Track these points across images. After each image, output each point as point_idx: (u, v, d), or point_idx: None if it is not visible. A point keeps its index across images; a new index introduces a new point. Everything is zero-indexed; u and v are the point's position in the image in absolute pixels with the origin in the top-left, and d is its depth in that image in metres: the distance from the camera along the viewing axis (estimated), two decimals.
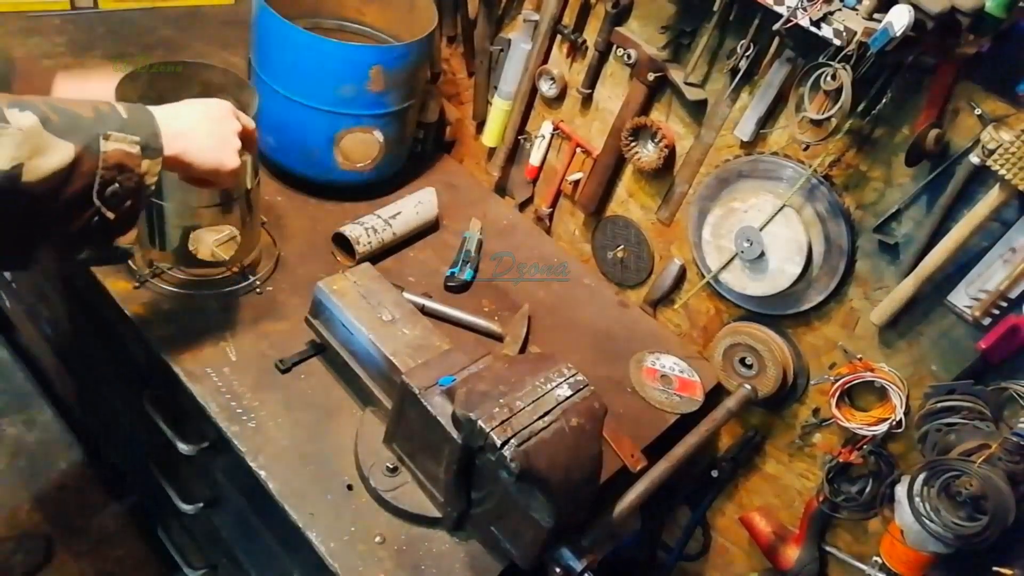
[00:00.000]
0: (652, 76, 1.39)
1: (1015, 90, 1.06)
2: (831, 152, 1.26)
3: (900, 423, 1.30)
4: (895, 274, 1.27)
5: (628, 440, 1.31)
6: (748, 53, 1.27)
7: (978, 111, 1.10)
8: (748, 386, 1.32)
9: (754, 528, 1.60)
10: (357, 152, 1.51)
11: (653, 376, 1.45)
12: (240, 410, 1.18)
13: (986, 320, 1.18)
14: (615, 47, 1.45)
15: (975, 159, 1.10)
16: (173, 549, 1.70)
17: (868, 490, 1.40)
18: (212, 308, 1.30)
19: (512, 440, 0.93)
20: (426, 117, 1.70)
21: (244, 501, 1.33)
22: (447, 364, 1.10)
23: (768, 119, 1.32)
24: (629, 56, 1.41)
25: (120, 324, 1.29)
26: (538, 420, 0.97)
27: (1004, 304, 1.16)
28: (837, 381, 1.35)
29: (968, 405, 1.21)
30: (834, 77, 1.14)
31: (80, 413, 2.06)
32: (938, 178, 1.18)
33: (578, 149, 1.60)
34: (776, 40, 1.23)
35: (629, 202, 1.59)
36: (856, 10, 1.08)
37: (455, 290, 1.50)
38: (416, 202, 1.55)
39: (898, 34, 1.00)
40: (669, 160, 1.46)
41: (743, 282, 1.40)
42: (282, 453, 1.15)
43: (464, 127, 1.84)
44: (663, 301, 1.60)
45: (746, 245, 1.35)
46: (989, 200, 1.11)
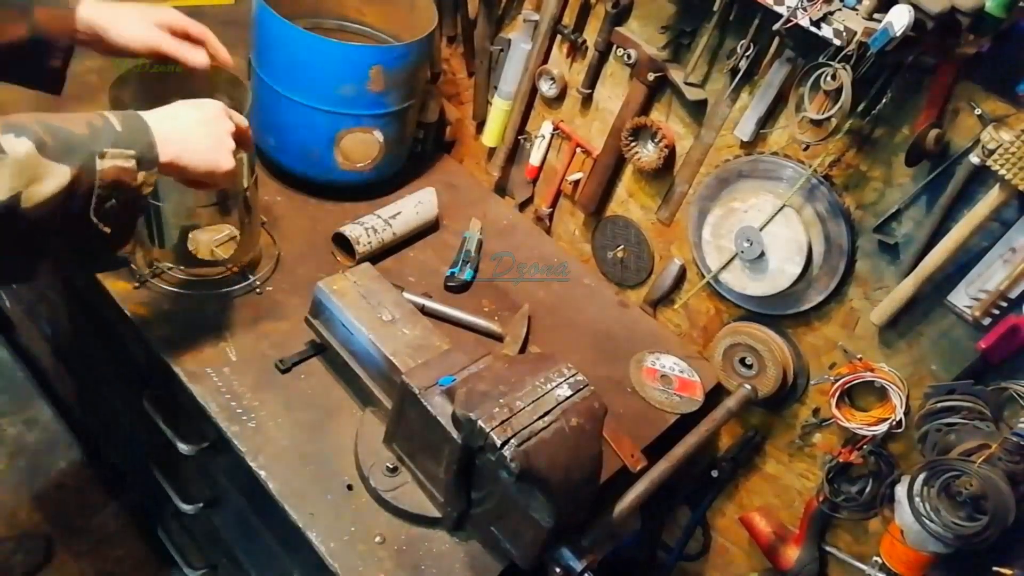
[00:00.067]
0: (652, 76, 1.39)
1: (1015, 90, 1.06)
2: (831, 152, 1.26)
3: (900, 423, 1.30)
4: (895, 274, 1.27)
5: (628, 440, 1.31)
6: (748, 53, 1.27)
7: (978, 111, 1.10)
8: (748, 386, 1.32)
9: (754, 528, 1.60)
10: (357, 152, 1.51)
11: (653, 376, 1.45)
12: (240, 410, 1.18)
13: (986, 320, 1.18)
14: (615, 47, 1.45)
15: (975, 159, 1.10)
16: (173, 549, 1.70)
17: (868, 490, 1.40)
18: (212, 308, 1.30)
19: (512, 440, 0.93)
20: (426, 117, 1.70)
21: (244, 501, 1.33)
22: (447, 364, 1.10)
23: (768, 119, 1.32)
24: (629, 56, 1.41)
25: (120, 324, 1.30)
26: (538, 420, 0.97)
27: (1004, 304, 1.16)
28: (837, 381, 1.35)
29: (968, 405, 1.21)
30: (834, 77, 1.14)
31: (80, 413, 2.06)
32: (938, 178, 1.18)
33: (578, 149, 1.60)
34: (776, 40, 1.23)
35: (629, 202, 1.59)
36: (856, 10, 1.08)
37: (455, 290, 1.50)
38: (416, 202, 1.55)
39: (898, 34, 1.00)
40: (669, 160, 1.46)
41: (743, 282, 1.40)
42: (282, 453, 1.15)
43: (464, 127, 1.84)
44: (663, 301, 1.60)
45: (746, 245, 1.35)
46: (989, 200, 1.11)
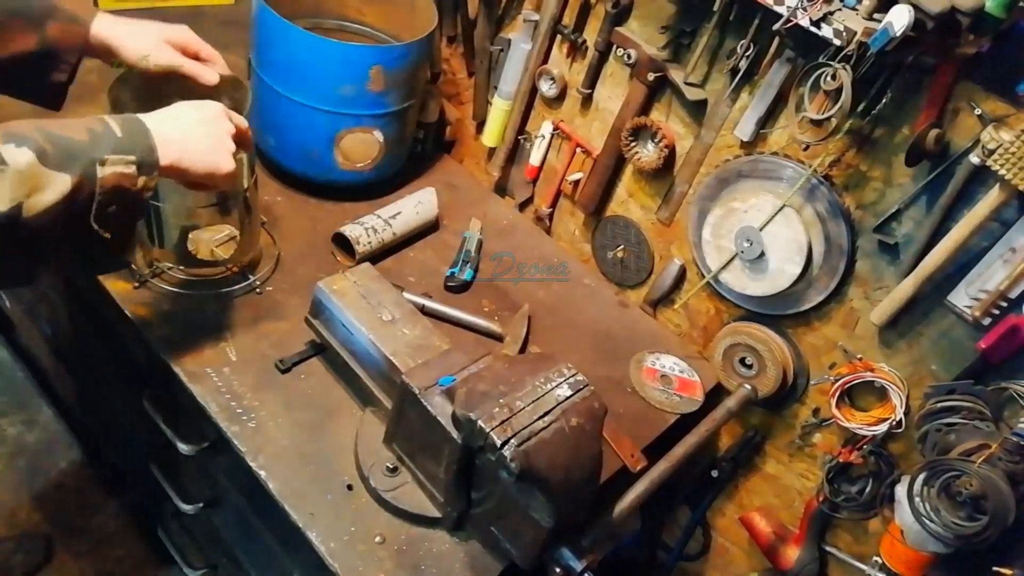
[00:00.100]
0: (652, 76, 1.39)
1: (1015, 90, 1.06)
2: (831, 152, 1.26)
3: (900, 423, 1.30)
4: (895, 274, 1.27)
5: (628, 440, 1.31)
6: (748, 53, 1.27)
7: (978, 111, 1.10)
8: (748, 386, 1.32)
9: (754, 528, 1.60)
10: (357, 152, 1.51)
11: (653, 376, 1.45)
12: (240, 410, 1.18)
13: (986, 320, 1.18)
14: (615, 47, 1.45)
15: (975, 159, 1.10)
16: (173, 549, 1.70)
17: (868, 490, 1.40)
18: (212, 308, 1.30)
19: (512, 440, 0.93)
20: (426, 117, 1.70)
21: (244, 501, 1.33)
22: (447, 364, 1.10)
23: (768, 119, 1.32)
24: (629, 56, 1.41)
25: (120, 324, 1.29)
26: (538, 420, 0.97)
27: (1004, 304, 1.15)
28: (837, 381, 1.35)
29: (968, 405, 1.21)
30: (834, 77, 1.14)
31: (80, 413, 2.06)
32: (938, 178, 1.18)
33: (578, 149, 1.60)
34: (776, 40, 1.23)
35: (629, 202, 1.59)
36: (856, 10, 1.08)
37: (455, 290, 1.50)
38: (416, 202, 1.55)
39: (898, 34, 1.00)
40: (669, 160, 1.46)
41: (743, 282, 1.40)
42: (282, 453, 1.15)
43: (464, 127, 1.84)
44: (663, 301, 1.60)
45: (746, 245, 1.35)
46: (989, 200, 1.11)
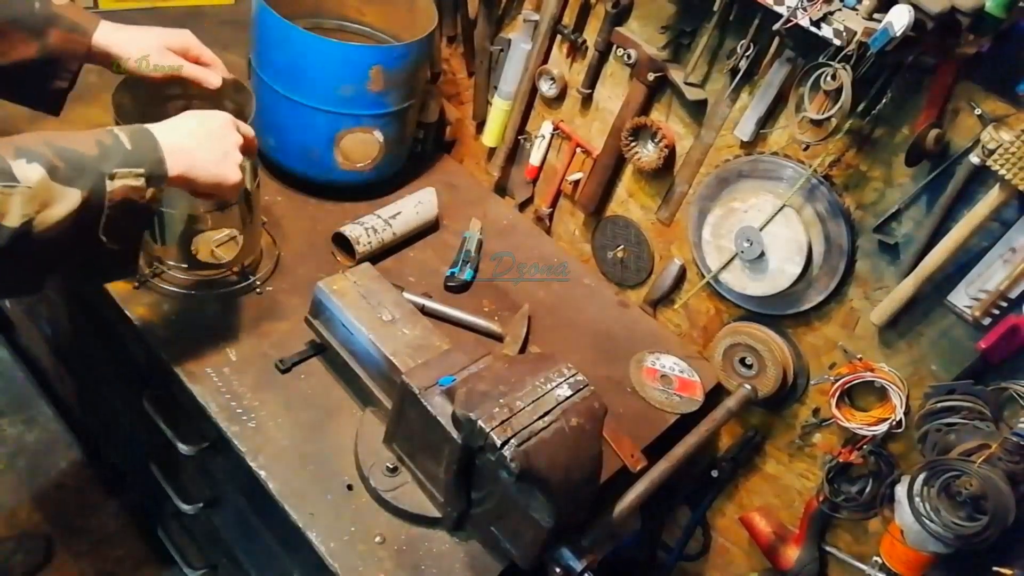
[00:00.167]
0: (652, 76, 1.39)
1: (1015, 90, 1.06)
2: (831, 152, 1.26)
3: (900, 423, 1.30)
4: (895, 274, 1.27)
5: (628, 440, 1.31)
6: (748, 53, 1.27)
7: (978, 111, 1.10)
8: (748, 386, 1.32)
9: (754, 528, 1.60)
10: (357, 152, 1.51)
11: (653, 376, 1.45)
12: (240, 410, 1.18)
13: (986, 320, 1.18)
14: (615, 47, 1.45)
15: (975, 159, 1.10)
16: (173, 549, 1.70)
17: (868, 490, 1.40)
18: (212, 308, 1.30)
19: (512, 440, 0.93)
20: (426, 117, 1.70)
21: (244, 501, 1.33)
22: (447, 364, 1.10)
23: (768, 119, 1.32)
24: (629, 56, 1.41)
25: (120, 324, 1.29)
26: (538, 420, 0.96)
27: (1004, 304, 1.16)
28: (837, 381, 1.35)
29: (968, 405, 1.21)
30: (834, 77, 1.14)
31: (80, 413, 2.06)
32: (938, 178, 1.18)
33: (578, 149, 1.60)
34: (776, 40, 1.23)
35: (629, 202, 1.59)
36: (856, 10, 1.08)
37: (455, 290, 1.50)
38: (416, 202, 1.55)
39: (898, 34, 1.00)
40: (669, 160, 1.46)
41: (743, 282, 1.40)
42: (282, 453, 1.15)
43: (464, 127, 1.84)
44: (663, 301, 1.60)
45: (746, 245, 1.35)
46: (989, 200, 1.11)
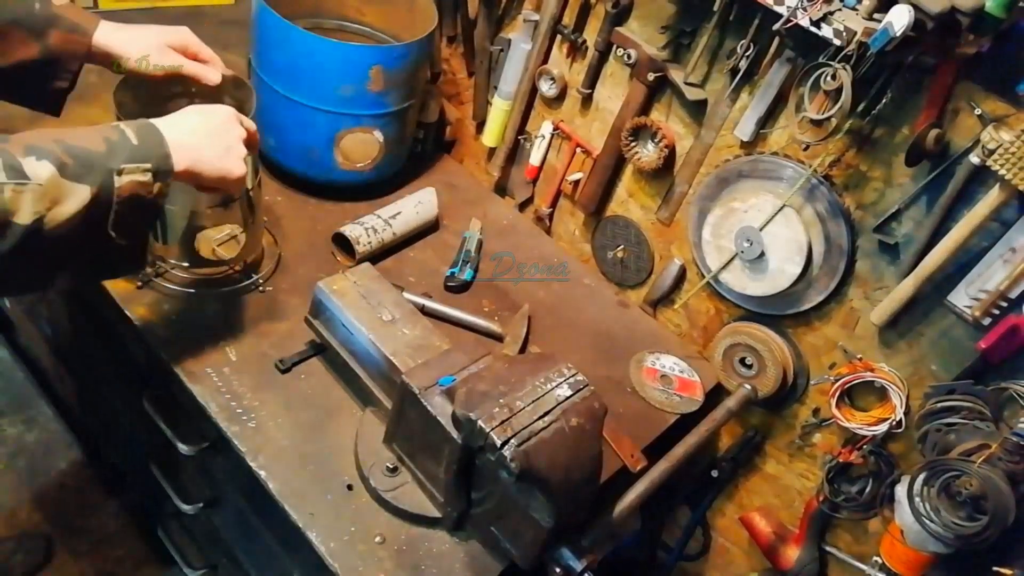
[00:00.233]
0: (652, 76, 1.39)
1: (1015, 90, 1.06)
2: (831, 152, 1.26)
3: (900, 423, 1.30)
4: (895, 274, 1.27)
5: (628, 440, 1.31)
6: (748, 53, 1.27)
7: (978, 111, 1.10)
8: (748, 386, 1.32)
9: (754, 528, 1.60)
10: (357, 152, 1.51)
11: (653, 376, 1.45)
12: (240, 410, 1.18)
13: (986, 320, 1.18)
14: (615, 47, 1.45)
15: (975, 159, 1.10)
16: (173, 549, 1.70)
17: (868, 490, 1.40)
18: (212, 308, 1.30)
19: (512, 440, 0.93)
20: (426, 117, 1.70)
21: (244, 501, 1.33)
22: (447, 364, 1.10)
23: (768, 119, 1.32)
24: (629, 56, 1.41)
25: (120, 324, 1.29)
26: (538, 420, 0.96)
27: (1004, 304, 1.16)
28: (837, 381, 1.35)
29: (968, 405, 1.21)
30: (834, 77, 1.14)
31: (80, 413, 2.06)
32: (938, 178, 1.18)
33: (578, 149, 1.60)
34: (776, 40, 1.23)
35: (629, 202, 1.59)
36: (856, 10, 1.08)
37: (455, 290, 1.50)
38: (416, 202, 1.55)
39: (898, 34, 1.00)
40: (669, 160, 1.46)
41: (743, 282, 1.40)
42: (282, 453, 1.15)
43: (464, 127, 1.84)
44: (663, 301, 1.60)
45: (746, 245, 1.35)
46: (989, 200, 1.11)
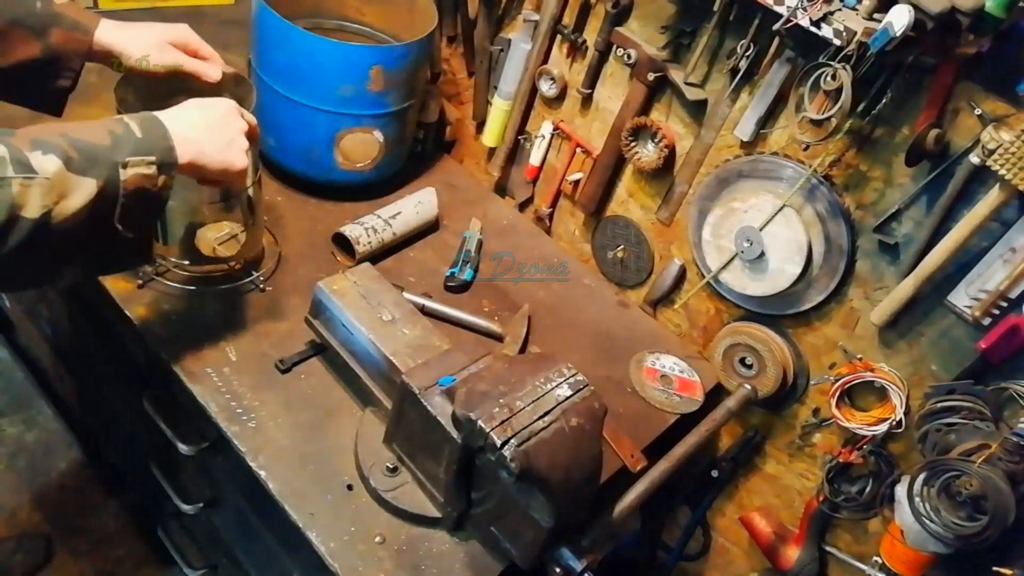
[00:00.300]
0: (652, 76, 1.39)
1: (1015, 90, 1.06)
2: (831, 152, 1.26)
3: (900, 423, 1.30)
4: (895, 274, 1.27)
5: (628, 440, 1.31)
6: (748, 53, 1.27)
7: (978, 111, 1.10)
8: (748, 386, 1.32)
9: (754, 528, 1.60)
10: (357, 152, 1.51)
11: (653, 376, 1.45)
12: (240, 410, 1.18)
13: (986, 320, 1.18)
14: (615, 47, 1.45)
15: (975, 159, 1.10)
16: (173, 549, 1.70)
17: (868, 490, 1.40)
18: (212, 308, 1.30)
19: (512, 440, 0.93)
20: (426, 117, 1.70)
21: (244, 501, 1.33)
22: (447, 364, 1.10)
23: (768, 119, 1.32)
24: (629, 56, 1.41)
25: (120, 324, 1.29)
26: (538, 420, 0.96)
27: (1004, 304, 1.15)
28: (837, 381, 1.35)
29: (968, 405, 1.21)
30: (834, 77, 1.14)
31: (80, 413, 2.06)
32: (938, 178, 1.18)
33: (578, 149, 1.60)
34: (776, 40, 1.23)
35: (629, 202, 1.59)
36: (856, 10, 1.08)
37: (455, 290, 1.50)
38: (416, 202, 1.55)
39: (898, 34, 1.00)
40: (669, 160, 1.46)
41: (743, 282, 1.40)
42: (282, 453, 1.15)
43: (464, 127, 1.84)
44: (663, 301, 1.60)
45: (746, 245, 1.35)
46: (989, 200, 1.11)
